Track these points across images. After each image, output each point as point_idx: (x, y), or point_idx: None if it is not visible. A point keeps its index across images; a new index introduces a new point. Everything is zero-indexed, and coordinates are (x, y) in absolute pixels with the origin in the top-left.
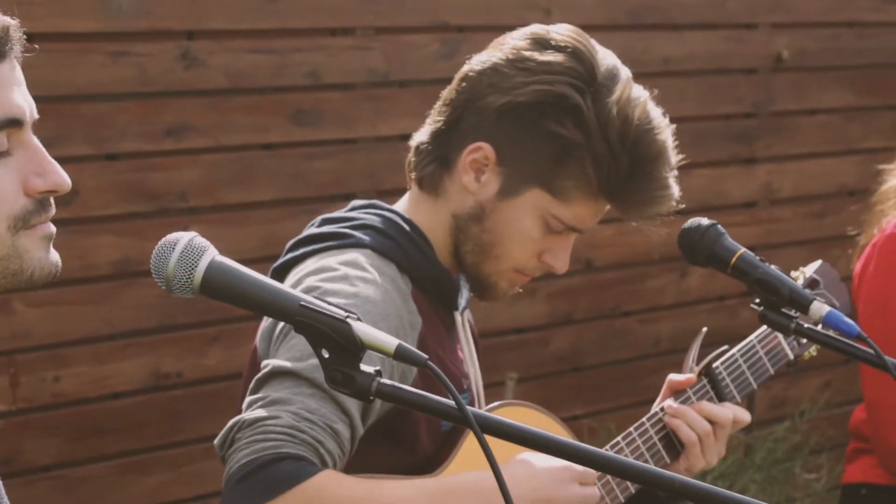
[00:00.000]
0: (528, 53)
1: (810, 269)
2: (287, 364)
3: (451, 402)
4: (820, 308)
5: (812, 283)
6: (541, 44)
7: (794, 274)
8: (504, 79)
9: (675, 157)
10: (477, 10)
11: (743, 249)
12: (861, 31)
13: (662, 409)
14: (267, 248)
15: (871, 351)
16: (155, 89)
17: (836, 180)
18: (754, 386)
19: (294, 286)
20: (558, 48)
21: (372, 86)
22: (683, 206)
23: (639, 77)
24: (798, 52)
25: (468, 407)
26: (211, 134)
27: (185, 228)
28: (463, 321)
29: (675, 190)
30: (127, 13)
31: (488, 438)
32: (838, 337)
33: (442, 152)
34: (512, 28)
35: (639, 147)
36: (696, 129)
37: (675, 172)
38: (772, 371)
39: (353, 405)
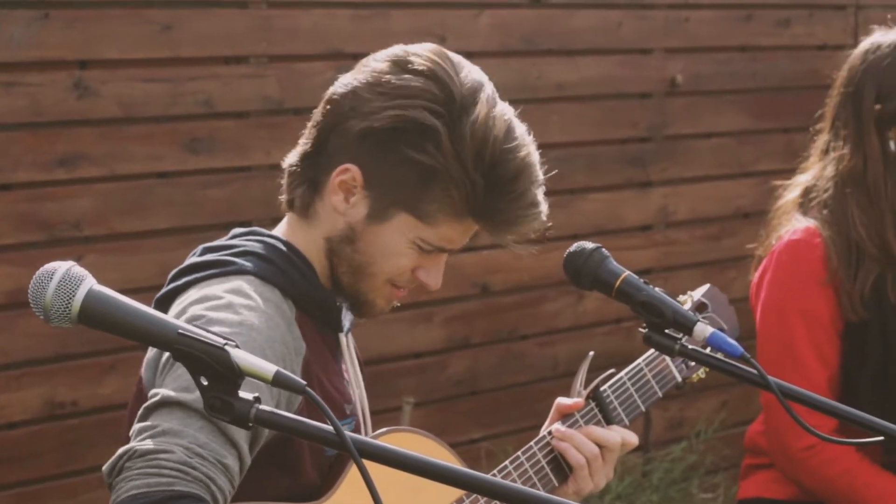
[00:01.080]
0: (386, 77)
1: (698, 293)
2: (174, 394)
3: (331, 428)
4: (704, 329)
5: (700, 307)
6: (400, 66)
7: (682, 298)
8: (363, 103)
9: (540, 174)
10: (371, 38)
11: (627, 272)
12: (754, 55)
13: (550, 433)
14: (162, 276)
15: (754, 371)
16: (48, 119)
17: (731, 203)
18: (642, 409)
19: (178, 315)
20: (416, 71)
21: (266, 113)
22: (551, 224)
23: (534, 102)
24: (692, 76)
25: (349, 433)
26: (105, 163)
27: (80, 258)
28: (348, 343)
29: (544, 207)
30: (18, 43)
31: (370, 464)
32: (722, 358)
33: (311, 175)
34: None
35: (497, 167)
36: (592, 153)
37: (543, 189)
38: (660, 394)
39: (240, 436)
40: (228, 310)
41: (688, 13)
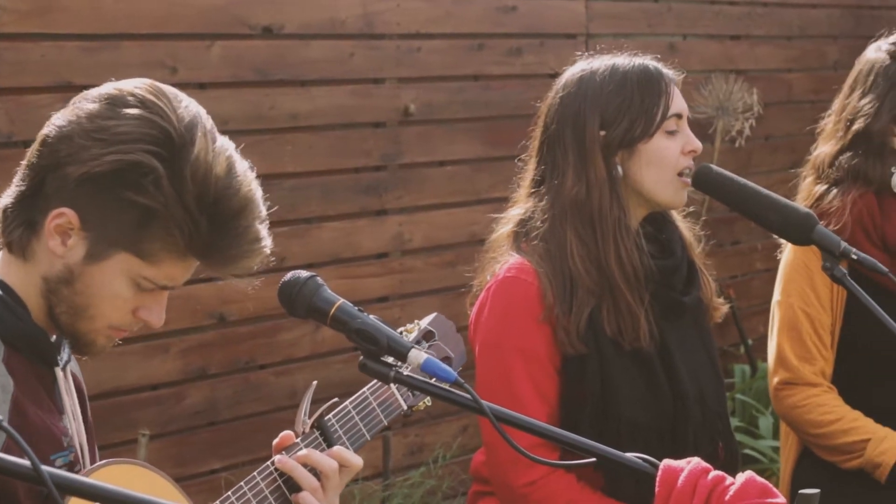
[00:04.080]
0: (102, 122)
1: (425, 322)
2: None
3: (29, 463)
4: (418, 356)
5: (427, 335)
6: (114, 107)
7: (409, 326)
8: (80, 149)
9: (263, 209)
10: (100, 69)
11: (341, 300)
12: (486, 84)
13: (273, 463)
14: None
15: (468, 396)
16: None
17: (465, 230)
18: (367, 437)
19: None
20: (131, 113)
21: None
22: (274, 260)
23: (267, 133)
24: (425, 105)
25: (49, 468)
26: None
27: None
28: (66, 376)
29: (267, 242)
30: None
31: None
32: (437, 384)
33: (28, 216)
34: None
35: (219, 206)
36: (326, 183)
37: (266, 224)
38: (385, 422)
39: None
40: None
41: (420, 43)
